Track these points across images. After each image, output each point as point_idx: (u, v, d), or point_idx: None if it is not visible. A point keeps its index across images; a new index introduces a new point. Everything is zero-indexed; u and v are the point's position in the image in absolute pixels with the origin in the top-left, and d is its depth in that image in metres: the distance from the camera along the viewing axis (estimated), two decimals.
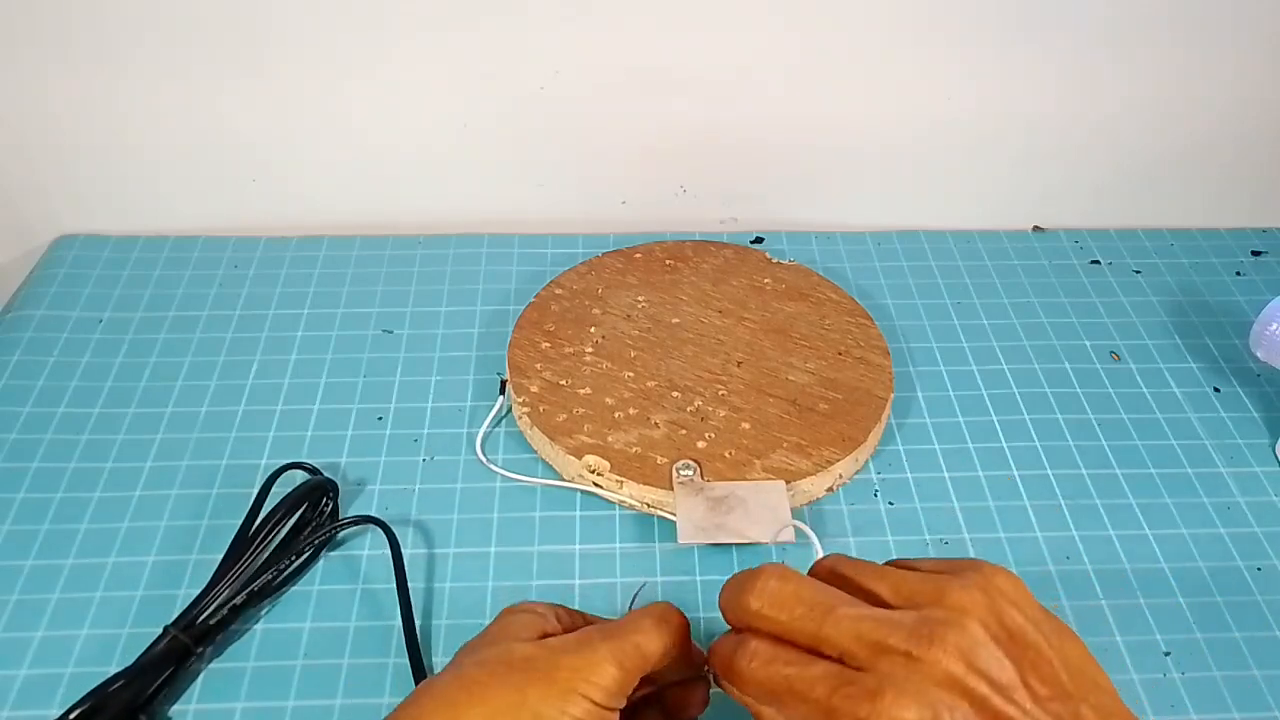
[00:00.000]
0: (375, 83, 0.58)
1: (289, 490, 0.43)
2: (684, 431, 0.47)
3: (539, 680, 0.29)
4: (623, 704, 0.30)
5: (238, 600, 0.40)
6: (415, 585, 0.42)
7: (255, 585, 0.40)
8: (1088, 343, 0.56)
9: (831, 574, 0.30)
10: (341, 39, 0.55)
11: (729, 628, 0.31)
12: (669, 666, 0.32)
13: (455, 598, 0.42)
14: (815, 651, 0.28)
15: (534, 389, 0.49)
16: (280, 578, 0.42)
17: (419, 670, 0.39)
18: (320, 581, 0.43)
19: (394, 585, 0.42)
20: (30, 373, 0.52)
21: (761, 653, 0.28)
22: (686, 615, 0.32)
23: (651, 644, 0.31)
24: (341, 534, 0.45)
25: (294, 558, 0.42)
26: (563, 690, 0.29)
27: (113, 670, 0.38)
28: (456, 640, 0.38)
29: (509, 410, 0.50)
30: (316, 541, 0.42)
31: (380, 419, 0.50)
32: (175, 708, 0.38)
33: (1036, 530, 0.46)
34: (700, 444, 0.46)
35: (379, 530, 0.43)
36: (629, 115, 0.60)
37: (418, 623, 0.41)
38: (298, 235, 0.61)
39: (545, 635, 0.32)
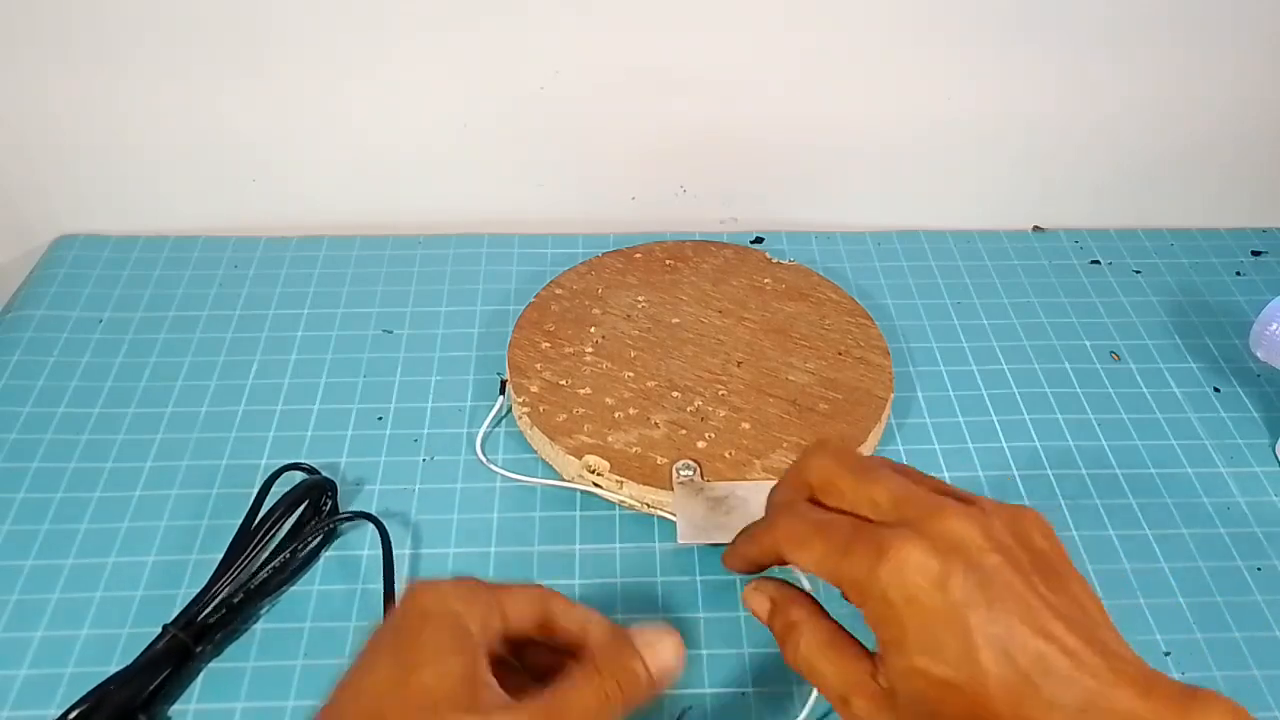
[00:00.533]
0: (375, 83, 0.58)
1: (288, 489, 0.43)
2: (684, 431, 0.47)
3: None
4: None
5: (237, 599, 0.40)
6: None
7: (255, 584, 0.40)
8: (1088, 343, 0.56)
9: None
10: (341, 39, 0.55)
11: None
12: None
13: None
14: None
15: (534, 389, 0.49)
16: (280, 577, 0.42)
17: None
18: (320, 581, 0.43)
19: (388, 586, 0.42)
20: (30, 373, 0.52)
21: (802, 505, 0.30)
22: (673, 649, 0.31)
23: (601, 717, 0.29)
24: (341, 534, 0.45)
25: (293, 556, 0.42)
26: None
27: (113, 670, 0.38)
28: None
29: (509, 410, 0.50)
30: (313, 539, 0.42)
31: (380, 419, 0.50)
32: (175, 707, 0.38)
33: None
34: (700, 444, 0.46)
35: (378, 532, 0.43)
36: (629, 115, 0.60)
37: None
38: (298, 235, 0.61)
39: (473, 682, 0.29)
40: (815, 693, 0.37)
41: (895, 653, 0.27)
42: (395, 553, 0.43)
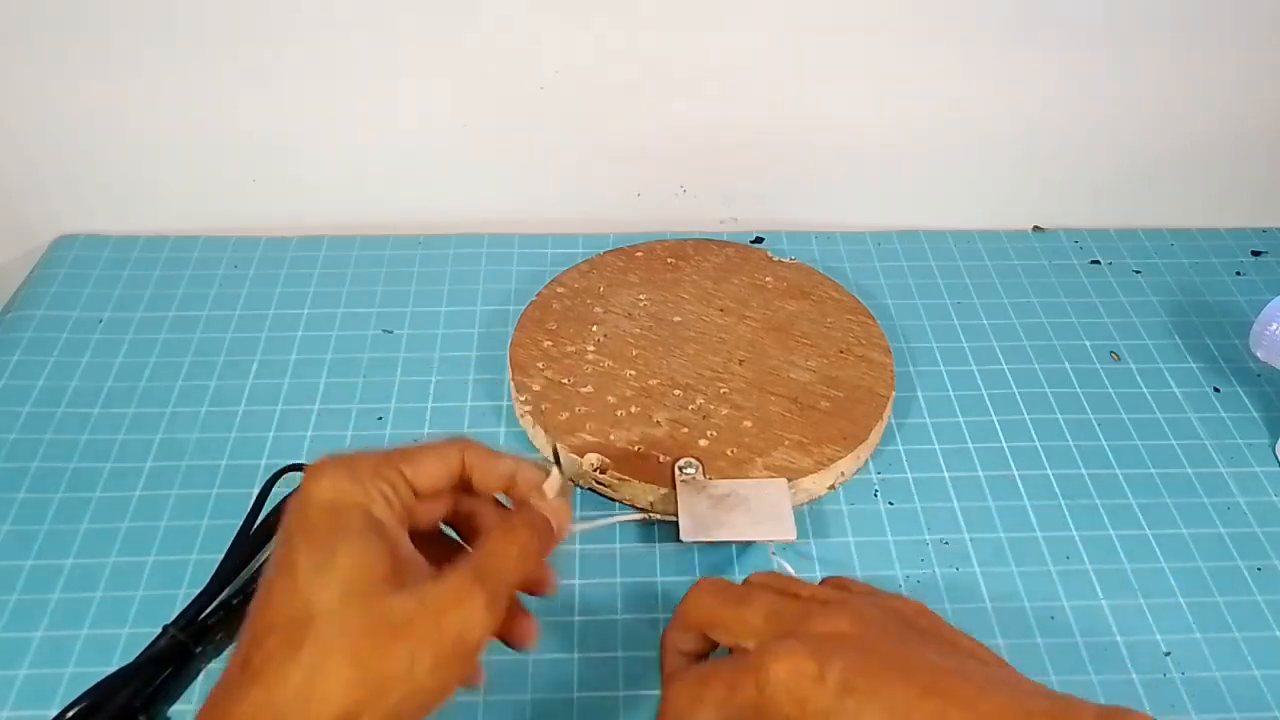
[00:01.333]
0: (375, 83, 0.58)
1: (289, 491, 0.43)
2: (686, 430, 0.47)
3: (428, 649, 0.28)
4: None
5: (237, 600, 0.40)
6: None
7: (255, 585, 0.40)
8: (1088, 343, 0.56)
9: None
10: (341, 39, 0.55)
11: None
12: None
13: None
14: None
15: (536, 387, 0.49)
16: None
17: None
18: None
19: None
20: (30, 373, 0.52)
21: (680, 664, 0.33)
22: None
23: (519, 569, 0.31)
24: None
25: None
26: (450, 655, 0.28)
27: (113, 670, 0.37)
28: None
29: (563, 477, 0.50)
30: None
31: (380, 419, 0.50)
32: (175, 707, 0.38)
33: (1036, 530, 0.46)
34: (702, 442, 0.46)
35: None
36: (629, 115, 0.60)
37: None
38: (298, 235, 0.61)
39: (395, 560, 0.29)
40: None
41: None
42: None
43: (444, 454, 0.33)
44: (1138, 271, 0.61)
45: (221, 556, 0.41)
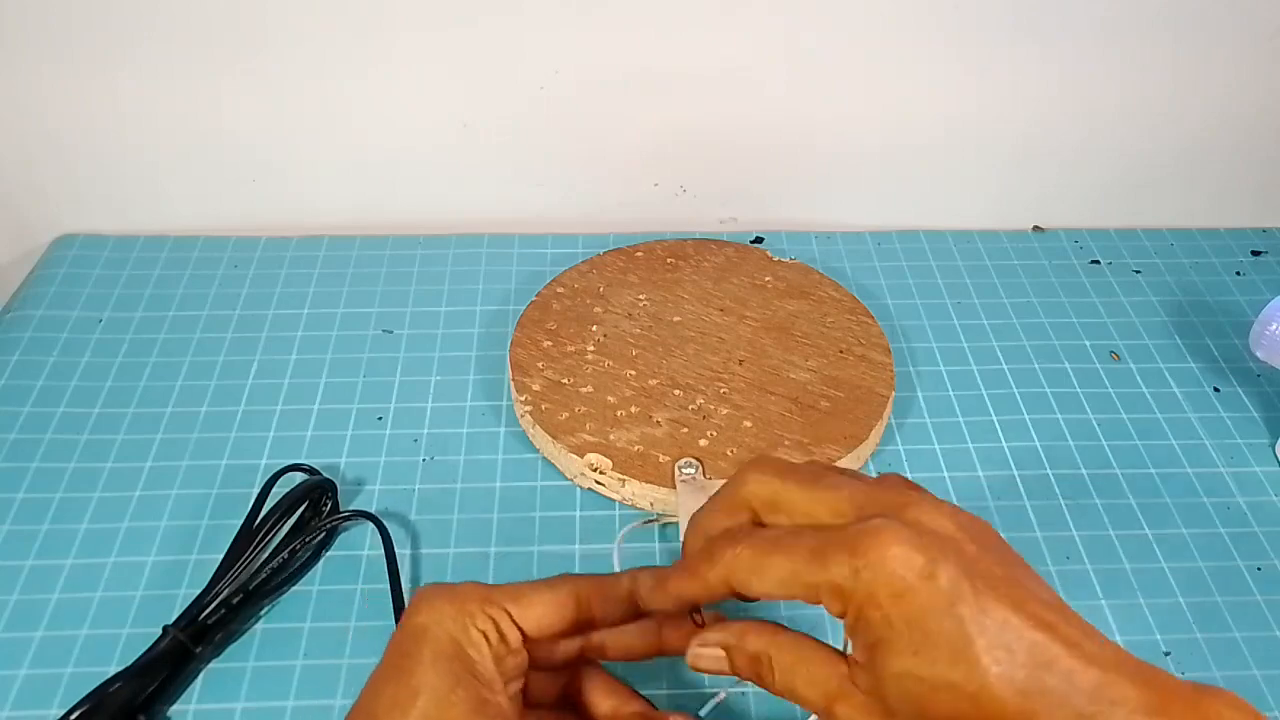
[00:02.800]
0: (375, 83, 0.58)
1: (288, 490, 0.43)
2: (686, 430, 0.47)
3: None
4: None
5: (237, 600, 0.40)
6: (417, 585, 0.42)
7: (255, 585, 0.40)
8: (1088, 343, 0.56)
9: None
10: (341, 39, 0.55)
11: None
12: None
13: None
14: None
15: (536, 388, 0.49)
16: (280, 577, 0.42)
17: None
18: (320, 581, 0.43)
19: (389, 586, 0.41)
20: (30, 373, 0.52)
21: (745, 528, 0.28)
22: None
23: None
24: (341, 534, 0.45)
25: (293, 557, 0.42)
26: None
27: (113, 670, 0.38)
28: None
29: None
30: (313, 539, 0.42)
31: (380, 419, 0.50)
32: (175, 708, 0.38)
33: (1036, 530, 0.46)
34: (702, 442, 0.46)
35: (378, 531, 0.43)
36: (629, 115, 0.60)
37: None
38: (298, 235, 0.61)
39: (486, 705, 0.27)
40: None
41: (885, 655, 0.25)
42: (396, 552, 0.43)
43: (557, 598, 0.30)
44: (1138, 271, 0.61)
45: (222, 556, 0.41)
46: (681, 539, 0.42)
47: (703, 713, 0.38)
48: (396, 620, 0.40)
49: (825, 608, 0.26)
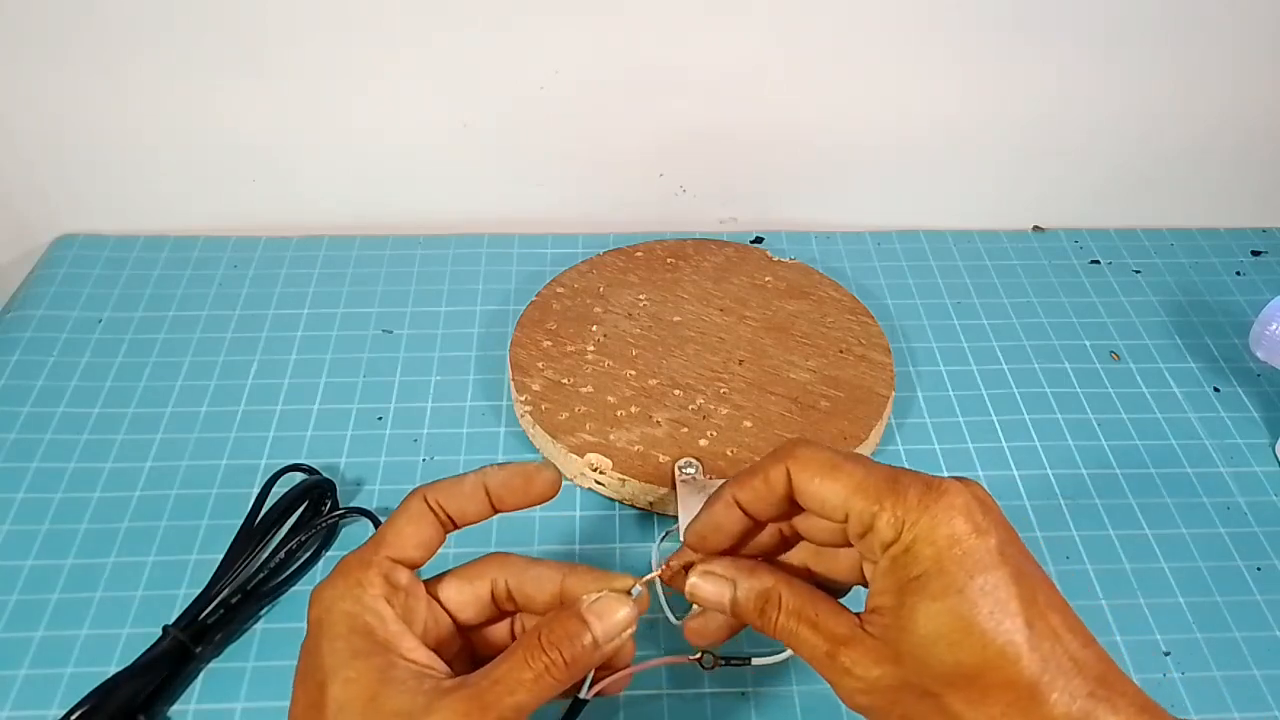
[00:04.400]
0: (375, 82, 0.58)
1: (288, 490, 0.43)
2: (686, 430, 0.47)
3: None
4: None
5: (237, 600, 0.40)
6: None
7: (255, 584, 0.40)
8: (1088, 343, 0.56)
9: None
10: (341, 39, 0.55)
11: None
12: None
13: None
14: None
15: (536, 387, 0.49)
16: (280, 577, 0.42)
17: None
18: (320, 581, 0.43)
19: None
20: (30, 373, 0.52)
21: (815, 456, 0.28)
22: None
23: (528, 694, 0.27)
24: (341, 533, 0.45)
25: (293, 556, 0.42)
26: None
27: (113, 670, 0.38)
28: None
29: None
30: (314, 538, 0.42)
31: (380, 419, 0.50)
32: (175, 708, 0.38)
33: (1036, 529, 0.46)
34: (702, 442, 0.46)
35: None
36: (629, 115, 0.60)
37: None
38: (298, 235, 0.61)
39: (383, 683, 0.27)
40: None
41: (923, 591, 0.25)
42: None
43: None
44: (1138, 271, 0.61)
45: (222, 556, 0.41)
46: (682, 539, 0.42)
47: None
48: None
49: (871, 533, 0.27)
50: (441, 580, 0.31)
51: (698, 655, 0.32)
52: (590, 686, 0.30)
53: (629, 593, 0.30)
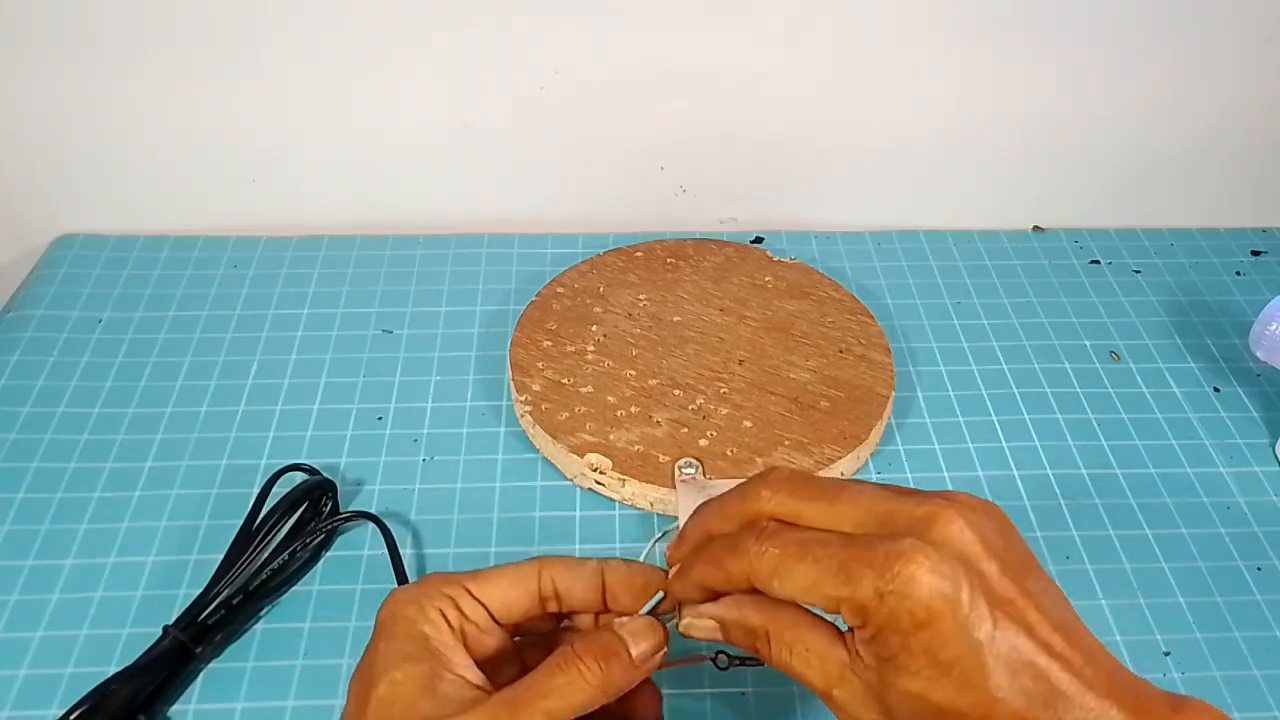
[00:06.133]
0: (375, 82, 0.58)
1: (288, 490, 0.43)
2: (686, 430, 0.47)
3: None
4: None
5: (237, 600, 0.40)
6: None
7: (255, 585, 0.40)
8: (1088, 343, 0.56)
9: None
10: (341, 39, 0.55)
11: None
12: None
13: None
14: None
15: (536, 388, 0.49)
16: (280, 577, 0.42)
17: None
18: (320, 581, 0.43)
19: (395, 584, 0.42)
20: (30, 373, 0.52)
21: (772, 525, 0.27)
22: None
23: (560, 700, 0.28)
24: (341, 534, 0.45)
25: (293, 557, 0.42)
26: None
27: (113, 670, 0.38)
28: None
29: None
30: (314, 539, 0.42)
31: (380, 419, 0.50)
32: (175, 708, 0.38)
33: (1036, 530, 0.46)
34: (702, 442, 0.46)
35: (379, 531, 0.43)
36: (629, 115, 0.60)
37: None
38: (298, 235, 0.61)
39: (428, 687, 0.28)
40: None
41: (896, 674, 0.25)
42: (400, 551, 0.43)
43: (520, 575, 0.31)
44: (1138, 271, 0.61)
45: (222, 556, 0.41)
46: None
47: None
48: None
49: (842, 619, 0.26)
50: (490, 576, 0.31)
51: (714, 655, 0.32)
52: None
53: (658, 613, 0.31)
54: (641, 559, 0.44)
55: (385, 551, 0.42)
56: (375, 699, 0.27)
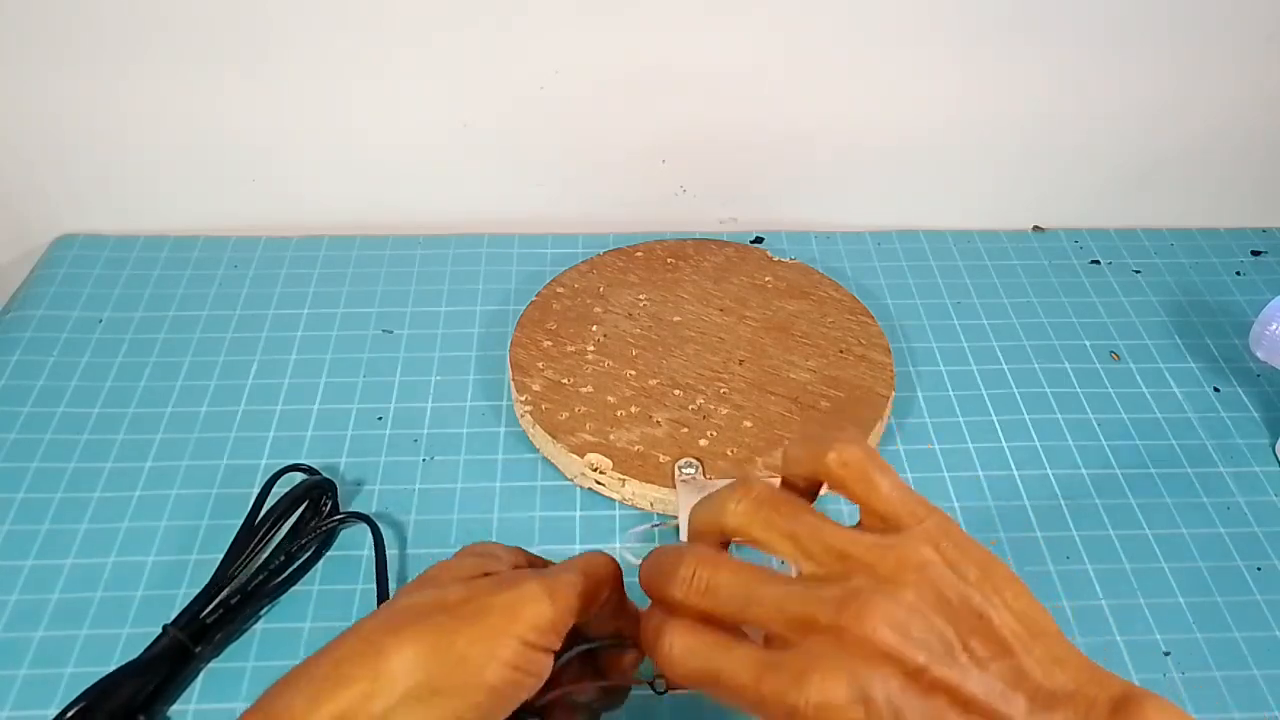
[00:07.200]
0: (375, 82, 0.58)
1: (288, 490, 0.43)
2: (686, 430, 0.47)
3: (467, 622, 0.28)
4: (556, 645, 0.29)
5: (237, 600, 0.40)
6: None
7: (255, 585, 0.40)
8: (1088, 343, 0.56)
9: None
10: (341, 39, 0.55)
11: None
12: (602, 619, 0.32)
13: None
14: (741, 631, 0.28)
15: (536, 387, 0.49)
16: (280, 577, 0.42)
17: None
18: (320, 581, 0.43)
19: (398, 586, 0.42)
20: (30, 373, 0.52)
21: (679, 643, 0.28)
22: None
23: (584, 584, 0.30)
24: (341, 534, 0.44)
25: (292, 557, 0.42)
26: (492, 632, 0.28)
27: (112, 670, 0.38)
28: None
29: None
30: (314, 539, 0.43)
31: (380, 419, 0.50)
32: (175, 708, 0.38)
33: (1036, 530, 0.46)
34: (702, 442, 0.46)
35: (371, 532, 0.43)
36: (629, 115, 0.60)
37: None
38: (298, 235, 0.61)
39: (486, 575, 0.31)
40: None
41: None
42: (395, 553, 0.43)
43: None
44: (1138, 271, 0.61)
45: (222, 556, 0.41)
46: (681, 536, 0.42)
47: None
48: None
49: None
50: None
51: (651, 679, 0.33)
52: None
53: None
54: (620, 549, 0.44)
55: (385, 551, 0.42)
56: (435, 573, 0.31)
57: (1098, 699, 0.25)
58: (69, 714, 0.36)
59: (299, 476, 0.45)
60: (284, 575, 0.42)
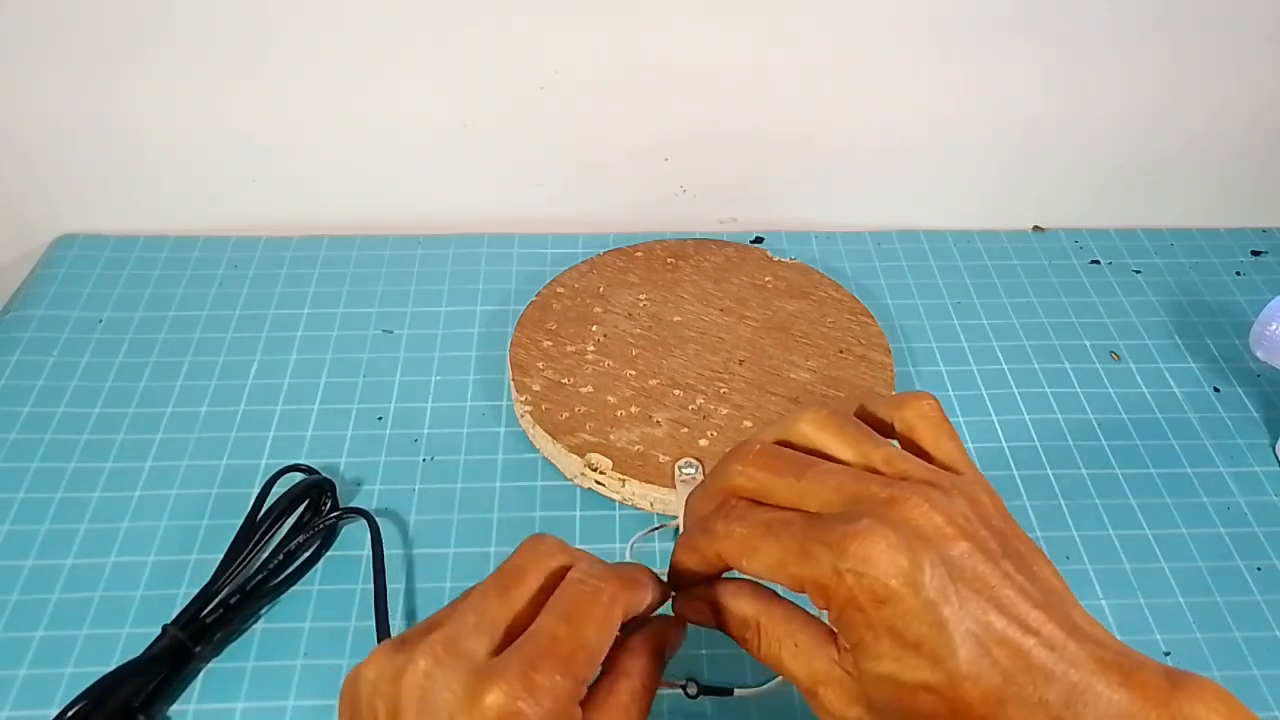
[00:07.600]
0: (375, 82, 0.58)
1: (288, 490, 0.43)
2: (686, 430, 0.47)
3: None
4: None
5: (237, 599, 0.40)
6: (416, 585, 0.42)
7: (254, 584, 0.40)
8: (1088, 343, 0.56)
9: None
10: (341, 39, 0.55)
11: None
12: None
13: (455, 598, 0.42)
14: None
15: (536, 387, 0.49)
16: (280, 577, 0.42)
17: None
18: (320, 581, 0.43)
19: (398, 586, 0.42)
20: (30, 373, 0.52)
21: (740, 505, 0.28)
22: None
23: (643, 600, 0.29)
24: (341, 533, 0.45)
25: (292, 557, 0.42)
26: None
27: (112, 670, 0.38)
28: None
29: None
30: (313, 538, 0.43)
31: (380, 419, 0.50)
32: (175, 707, 0.38)
33: (1036, 530, 0.46)
34: (702, 442, 0.46)
35: (370, 527, 0.43)
36: (629, 115, 0.60)
37: (419, 622, 0.41)
38: (298, 235, 0.61)
39: None
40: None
41: (864, 657, 0.25)
42: (396, 553, 0.43)
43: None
44: (1138, 271, 0.61)
45: (222, 556, 0.41)
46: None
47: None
48: (378, 616, 0.40)
49: (810, 601, 0.26)
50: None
51: (683, 683, 0.33)
52: None
53: None
54: (628, 555, 0.44)
55: (385, 551, 0.42)
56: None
57: (1146, 663, 0.24)
58: (69, 714, 0.35)
59: (299, 476, 0.45)
60: (284, 575, 0.42)
